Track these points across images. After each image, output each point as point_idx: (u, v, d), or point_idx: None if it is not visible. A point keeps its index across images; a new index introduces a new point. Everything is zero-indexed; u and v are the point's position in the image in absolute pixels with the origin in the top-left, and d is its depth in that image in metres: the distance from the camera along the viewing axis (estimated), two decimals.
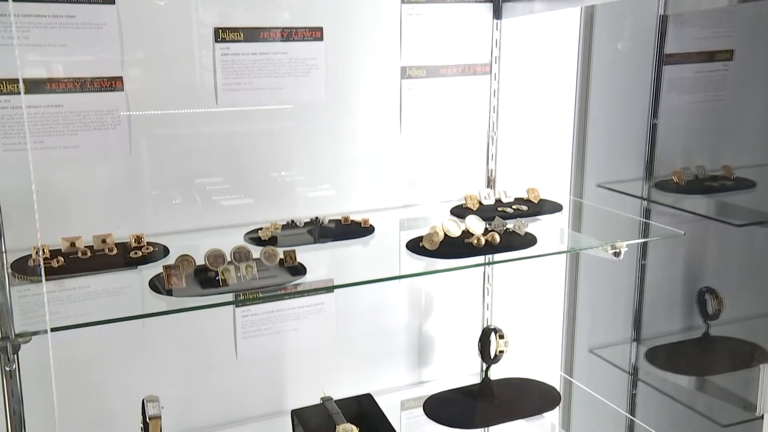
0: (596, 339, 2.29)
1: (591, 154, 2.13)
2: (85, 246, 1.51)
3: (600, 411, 2.17)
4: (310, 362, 1.91)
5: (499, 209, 1.85)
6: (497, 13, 1.91)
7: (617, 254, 1.62)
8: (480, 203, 1.88)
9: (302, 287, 1.48)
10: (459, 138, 1.97)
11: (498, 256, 1.63)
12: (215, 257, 1.44)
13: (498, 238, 1.60)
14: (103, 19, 1.52)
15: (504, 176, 2.02)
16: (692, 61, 2.14)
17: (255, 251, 1.50)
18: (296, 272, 1.48)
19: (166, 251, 1.56)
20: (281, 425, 1.79)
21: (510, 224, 1.67)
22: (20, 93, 1.46)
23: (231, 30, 1.64)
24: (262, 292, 1.44)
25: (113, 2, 1.52)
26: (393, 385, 2.04)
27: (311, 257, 1.55)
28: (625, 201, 2.10)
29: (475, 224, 1.65)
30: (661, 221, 1.93)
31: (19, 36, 1.45)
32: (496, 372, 1.96)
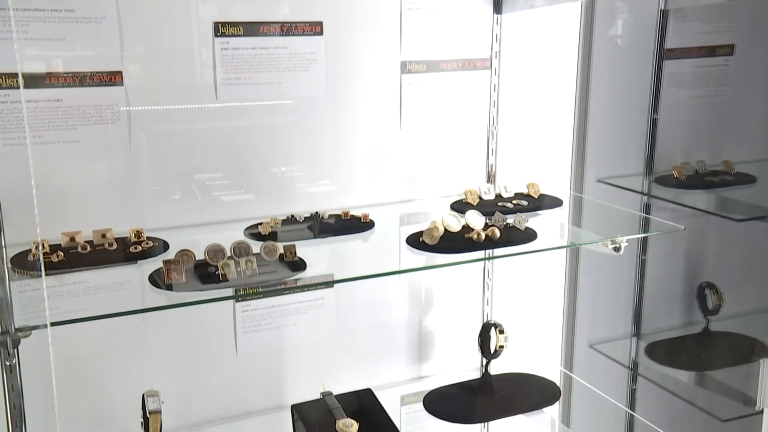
0: (596, 334, 2.29)
1: (591, 149, 2.13)
2: (85, 241, 1.51)
3: (600, 406, 2.18)
4: (310, 357, 1.91)
5: (499, 204, 1.84)
6: (497, 8, 1.90)
7: (617, 249, 1.62)
8: (480, 198, 1.88)
9: (302, 282, 1.48)
10: (459, 133, 1.97)
11: (498, 251, 1.63)
12: (215, 252, 1.44)
13: (498, 233, 1.60)
14: (102, 13, 1.52)
15: (504, 171, 2.02)
16: (693, 56, 2.14)
17: (255, 246, 1.50)
18: (296, 267, 1.48)
19: (166, 246, 1.56)
20: (281, 420, 1.79)
21: (510, 219, 1.67)
22: (19, 87, 1.46)
23: (231, 24, 1.64)
24: (262, 287, 1.44)
25: None
26: (393, 380, 2.04)
27: (311, 252, 1.55)
28: (626, 196, 2.10)
29: (475, 219, 1.65)
30: (662, 216, 1.93)
31: (18, 30, 1.45)
32: (496, 367, 1.96)
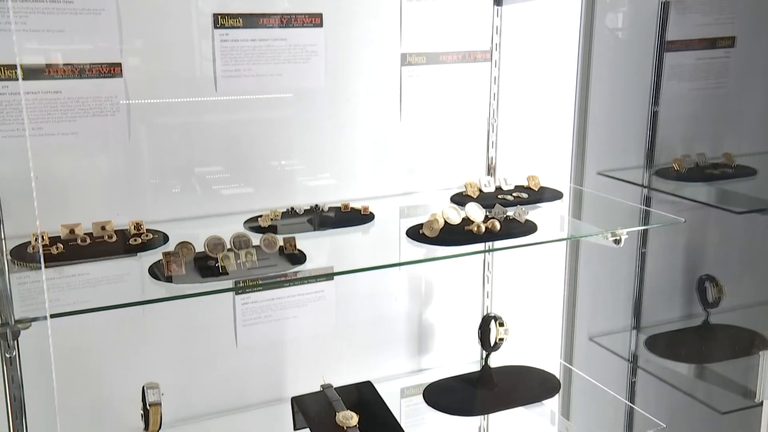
0: (596, 327, 2.29)
1: (591, 142, 2.12)
2: (85, 233, 1.51)
3: (600, 398, 2.18)
4: (310, 350, 1.91)
5: (500, 197, 1.84)
6: None
7: (617, 242, 1.62)
8: (480, 191, 1.88)
9: (302, 275, 1.48)
10: (459, 125, 1.96)
11: (498, 244, 1.63)
12: (215, 244, 1.44)
13: (498, 226, 1.60)
14: (102, 5, 1.51)
15: (504, 164, 2.02)
16: (694, 48, 2.13)
17: (255, 239, 1.50)
18: (296, 260, 1.48)
19: (166, 238, 1.56)
20: (281, 412, 1.79)
21: (510, 212, 1.67)
22: (18, 79, 1.46)
23: (230, 16, 1.63)
24: (262, 280, 1.44)
25: None
26: (393, 373, 2.04)
27: (311, 245, 1.55)
28: (626, 189, 2.10)
29: (476, 212, 1.65)
30: (662, 209, 1.92)
31: (17, 21, 1.44)
32: (496, 359, 1.96)
